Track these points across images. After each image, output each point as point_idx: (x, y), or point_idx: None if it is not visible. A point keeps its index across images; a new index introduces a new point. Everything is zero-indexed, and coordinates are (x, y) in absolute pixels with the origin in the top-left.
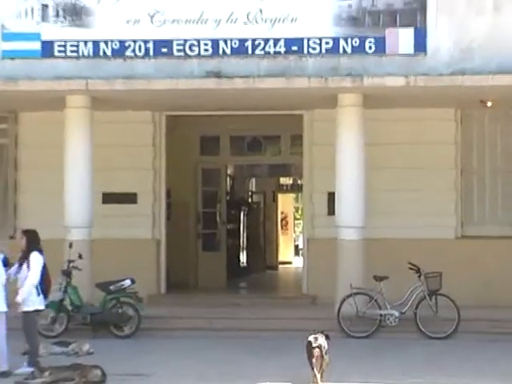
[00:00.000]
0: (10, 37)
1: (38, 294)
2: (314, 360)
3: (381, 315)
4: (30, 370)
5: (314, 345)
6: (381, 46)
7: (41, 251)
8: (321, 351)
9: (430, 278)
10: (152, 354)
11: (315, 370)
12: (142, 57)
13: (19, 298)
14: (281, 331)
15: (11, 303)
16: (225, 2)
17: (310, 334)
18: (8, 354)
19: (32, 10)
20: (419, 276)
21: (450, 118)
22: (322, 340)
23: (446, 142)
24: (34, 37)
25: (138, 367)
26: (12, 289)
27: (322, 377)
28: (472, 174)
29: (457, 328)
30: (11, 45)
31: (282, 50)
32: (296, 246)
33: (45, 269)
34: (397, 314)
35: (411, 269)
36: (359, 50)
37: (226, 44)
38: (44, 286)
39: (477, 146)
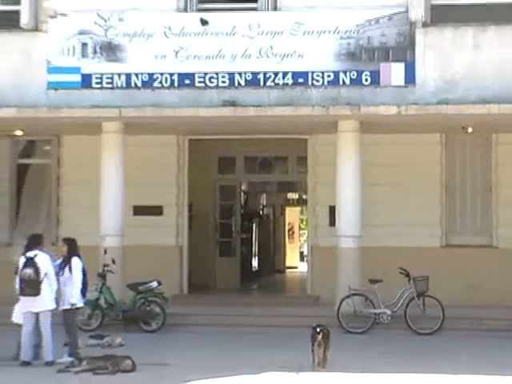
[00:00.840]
0: (54, 70)
1: (79, 294)
2: (316, 344)
3: (375, 313)
4: (70, 359)
5: (317, 330)
6: (375, 79)
7: (79, 256)
8: (322, 337)
9: (418, 281)
10: (175, 346)
11: (315, 352)
12: (168, 87)
13: (74, 300)
14: (287, 327)
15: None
16: (240, 39)
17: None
18: (53, 345)
19: (73, 47)
20: (409, 279)
21: (435, 142)
22: (323, 329)
23: (432, 163)
24: (75, 70)
25: (163, 358)
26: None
27: (324, 363)
28: (455, 191)
29: (442, 325)
30: (55, 77)
31: (290, 81)
32: (301, 253)
33: (83, 273)
34: (389, 312)
35: (402, 273)
36: (357, 82)
37: (240, 76)
38: (84, 287)
39: (459, 166)
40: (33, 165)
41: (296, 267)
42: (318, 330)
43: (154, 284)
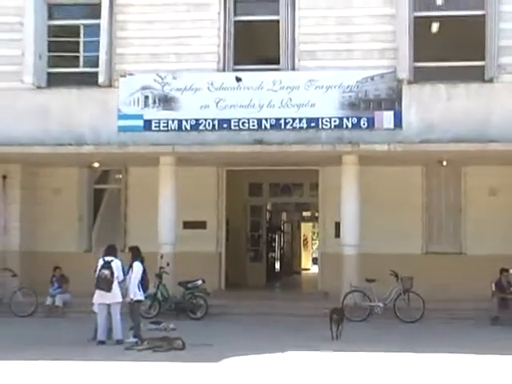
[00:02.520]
0: (123, 117)
1: (139, 290)
2: (333, 322)
3: (371, 306)
4: (135, 340)
5: (334, 312)
6: (371, 123)
7: (141, 261)
8: (338, 317)
9: (404, 280)
10: (216, 330)
11: (332, 328)
12: (210, 130)
13: (131, 296)
14: (303, 316)
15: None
16: (266, 92)
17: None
18: (122, 329)
19: (138, 99)
20: (397, 279)
21: (417, 172)
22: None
23: (414, 189)
24: (139, 117)
25: (206, 339)
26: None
27: (339, 336)
28: (432, 211)
29: (423, 315)
30: (124, 122)
31: (304, 125)
32: (313, 258)
33: (144, 273)
34: (382, 305)
35: (392, 274)
36: (356, 125)
37: (266, 121)
38: (144, 285)
39: (436, 191)
40: (106, 189)
41: (309, 269)
42: (335, 312)
43: (199, 282)
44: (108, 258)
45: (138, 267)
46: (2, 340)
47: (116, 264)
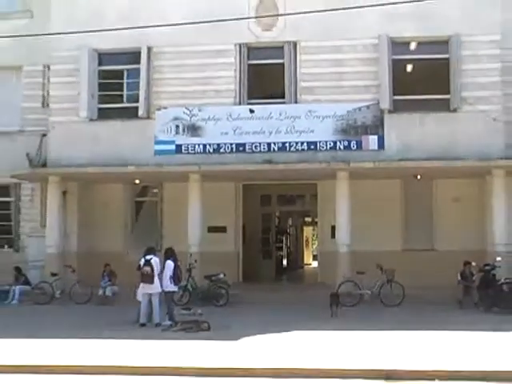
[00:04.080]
0: (158, 142)
1: (171, 282)
2: (333, 303)
3: (361, 293)
4: (170, 322)
5: (333, 295)
6: (359, 145)
7: (174, 259)
8: (336, 299)
9: (388, 272)
10: (235, 315)
11: (332, 308)
12: (229, 152)
13: (165, 287)
14: (305, 302)
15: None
16: (274, 121)
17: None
18: (159, 314)
19: (170, 128)
20: (382, 271)
21: (396, 185)
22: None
23: (394, 198)
24: (171, 142)
25: (227, 322)
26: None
27: (336, 315)
28: (409, 216)
29: (403, 300)
30: (159, 147)
31: (305, 148)
32: (314, 255)
33: (177, 268)
34: (369, 292)
35: (377, 267)
36: (347, 147)
37: (274, 145)
38: (176, 278)
39: (411, 200)
40: (145, 201)
41: (310, 264)
42: (333, 296)
43: (221, 275)
44: (148, 257)
45: (169, 265)
46: (64, 322)
47: (155, 261)
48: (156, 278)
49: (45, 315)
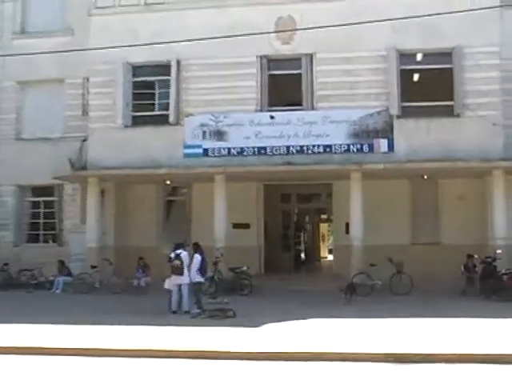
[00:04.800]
0: (187, 147)
1: (198, 274)
2: (347, 292)
3: (372, 284)
4: (198, 310)
5: (348, 285)
6: (371, 148)
7: (201, 253)
8: (352, 287)
9: (397, 264)
10: (258, 303)
11: (347, 296)
12: (252, 155)
13: (193, 279)
14: (322, 291)
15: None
16: (293, 127)
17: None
18: (188, 302)
19: (198, 133)
20: (392, 263)
21: (405, 184)
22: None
23: (403, 196)
24: (199, 147)
25: (250, 310)
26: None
27: (349, 302)
28: (416, 212)
29: (411, 290)
30: (188, 150)
31: (321, 150)
32: (329, 249)
33: (204, 261)
34: (380, 283)
35: (388, 260)
36: (360, 150)
37: (293, 148)
38: (203, 270)
39: (418, 198)
40: (175, 200)
41: (326, 257)
42: (349, 285)
43: (245, 267)
44: (177, 251)
45: (196, 259)
46: (103, 310)
47: (184, 255)
48: (185, 270)
49: (86, 303)
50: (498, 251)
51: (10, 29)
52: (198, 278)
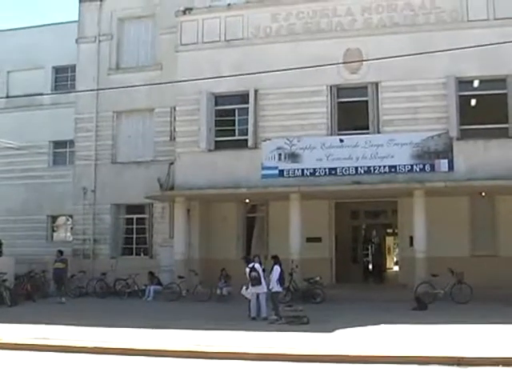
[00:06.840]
0: (265, 168)
1: (278, 284)
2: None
3: (435, 293)
4: (275, 317)
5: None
6: (432, 168)
7: (279, 264)
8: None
9: (458, 274)
10: (329, 311)
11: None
12: (323, 175)
13: (272, 288)
14: (389, 301)
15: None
16: (360, 149)
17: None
18: (266, 310)
19: (274, 156)
20: (452, 273)
21: (465, 201)
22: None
23: (463, 212)
24: (275, 168)
25: (324, 317)
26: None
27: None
28: (476, 227)
29: (471, 299)
30: (265, 172)
31: (387, 170)
32: (395, 261)
33: (282, 272)
34: (442, 292)
35: (449, 270)
36: (422, 170)
37: (361, 169)
38: (281, 281)
39: (478, 213)
40: (255, 217)
41: (392, 268)
42: (418, 296)
43: (318, 278)
44: (250, 265)
45: (276, 270)
46: (190, 316)
47: (257, 266)
48: (262, 280)
49: (174, 310)
50: None
51: (107, 65)
52: (277, 288)
